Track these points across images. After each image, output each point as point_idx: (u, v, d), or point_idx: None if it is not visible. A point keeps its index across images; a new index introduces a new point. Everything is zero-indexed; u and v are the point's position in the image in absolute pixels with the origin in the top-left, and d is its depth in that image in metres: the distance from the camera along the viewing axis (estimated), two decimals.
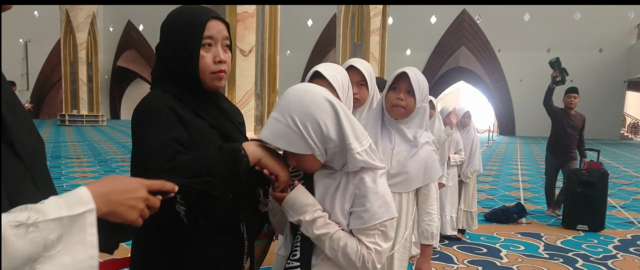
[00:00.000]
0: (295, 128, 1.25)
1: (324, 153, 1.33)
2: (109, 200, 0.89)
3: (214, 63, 1.40)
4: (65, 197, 0.83)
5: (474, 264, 4.32)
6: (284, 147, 1.27)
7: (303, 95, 1.29)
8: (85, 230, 0.82)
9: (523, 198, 7.64)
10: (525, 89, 26.61)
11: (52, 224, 0.78)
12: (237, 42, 8.92)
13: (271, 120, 1.28)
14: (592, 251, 4.79)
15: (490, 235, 5.29)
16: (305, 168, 1.37)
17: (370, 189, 1.31)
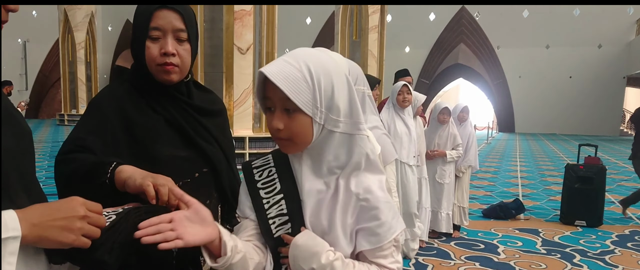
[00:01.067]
0: (307, 75, 1.03)
1: (321, 124, 1.06)
2: (34, 225, 0.81)
3: (160, 55, 1.33)
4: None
5: (471, 259, 4.33)
6: (286, 90, 1.01)
7: (323, 54, 1.11)
8: (5, 258, 0.78)
9: (521, 194, 7.65)
10: (525, 86, 26.61)
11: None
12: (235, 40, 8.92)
13: (281, 61, 1.06)
14: (590, 246, 4.80)
15: (488, 231, 5.30)
16: (293, 132, 1.07)
17: (381, 198, 1.08)
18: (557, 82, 26.05)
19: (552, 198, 7.33)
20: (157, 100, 1.37)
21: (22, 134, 0.93)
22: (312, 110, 1.04)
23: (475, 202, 6.85)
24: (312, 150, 1.09)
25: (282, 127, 1.05)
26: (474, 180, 8.95)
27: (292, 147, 1.09)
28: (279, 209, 1.12)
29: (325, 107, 1.05)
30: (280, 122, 1.05)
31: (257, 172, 1.18)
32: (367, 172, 1.10)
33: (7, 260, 0.77)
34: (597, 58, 25.51)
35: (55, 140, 14.79)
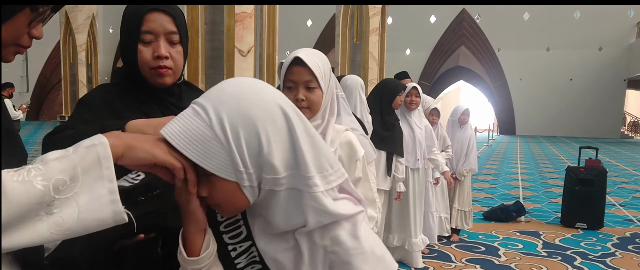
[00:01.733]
0: (219, 132, 0.79)
1: (255, 186, 0.83)
2: (119, 136, 0.80)
3: (153, 58, 1.32)
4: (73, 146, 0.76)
5: (472, 262, 4.33)
6: (194, 158, 0.79)
7: (246, 91, 0.83)
8: (101, 163, 0.75)
9: (522, 197, 7.64)
10: (525, 88, 26.61)
11: (55, 164, 0.73)
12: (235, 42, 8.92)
13: (187, 112, 0.82)
14: (591, 249, 4.79)
15: (488, 233, 5.30)
16: (218, 200, 0.85)
17: (354, 249, 0.85)
18: (557, 85, 26.05)
19: (552, 200, 7.33)
20: (147, 103, 1.36)
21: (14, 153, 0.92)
22: (234, 173, 0.81)
23: (476, 204, 6.86)
24: (257, 209, 0.87)
25: (206, 194, 0.84)
26: (475, 183, 8.95)
27: (227, 213, 0.89)
28: (250, 257, 0.91)
29: (253, 166, 0.81)
30: (203, 190, 0.83)
31: None
32: (336, 225, 0.85)
33: (104, 165, 0.75)
34: (598, 60, 25.52)
35: None
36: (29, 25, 0.88)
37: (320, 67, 1.59)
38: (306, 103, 1.59)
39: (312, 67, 1.56)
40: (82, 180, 0.73)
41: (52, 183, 0.70)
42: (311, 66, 1.56)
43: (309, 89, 1.59)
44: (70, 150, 0.74)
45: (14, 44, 0.89)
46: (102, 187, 0.74)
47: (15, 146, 0.91)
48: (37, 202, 0.69)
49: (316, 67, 1.57)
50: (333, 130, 1.69)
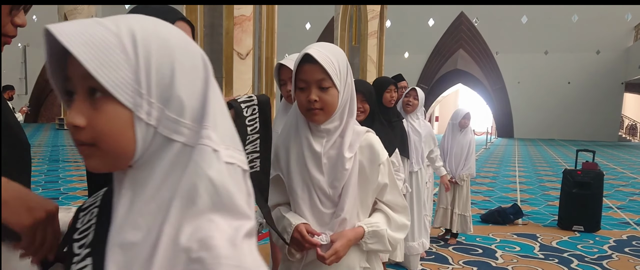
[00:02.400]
0: (128, 42, 0.63)
1: (151, 126, 0.64)
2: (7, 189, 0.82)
3: None
4: None
5: (469, 264, 4.35)
6: (88, 62, 0.60)
7: (172, 30, 0.69)
8: None
9: (520, 199, 7.67)
10: (523, 91, 26.69)
11: None
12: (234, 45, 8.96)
13: (90, 20, 0.66)
14: (588, 251, 4.81)
15: (486, 236, 5.32)
16: (99, 131, 0.63)
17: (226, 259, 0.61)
18: (555, 88, 26.13)
19: (550, 203, 7.35)
20: None
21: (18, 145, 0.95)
22: (132, 97, 0.63)
23: (474, 207, 6.88)
24: (136, 173, 0.66)
25: (82, 123, 0.63)
26: (473, 186, 8.98)
27: (100, 163, 0.66)
28: None
29: (158, 97, 0.64)
30: (79, 115, 0.63)
31: (81, 217, 0.79)
32: (214, 214, 0.62)
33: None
34: (596, 64, 25.61)
35: (54, 145, 14.81)
36: (10, 14, 0.90)
37: (335, 64, 1.43)
38: (320, 104, 1.44)
39: (325, 64, 1.40)
40: None
41: None
42: (323, 63, 1.40)
43: (322, 88, 1.44)
44: None
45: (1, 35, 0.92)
46: None
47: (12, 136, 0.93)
48: None
49: (329, 63, 1.42)
50: (352, 132, 1.53)
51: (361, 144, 1.53)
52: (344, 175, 1.49)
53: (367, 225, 1.53)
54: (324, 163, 1.50)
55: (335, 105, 1.46)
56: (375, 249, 1.57)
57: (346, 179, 1.49)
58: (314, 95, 1.43)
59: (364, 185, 1.53)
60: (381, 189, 1.57)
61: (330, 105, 1.45)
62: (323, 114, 1.46)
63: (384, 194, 1.57)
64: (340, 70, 1.44)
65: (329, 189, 1.51)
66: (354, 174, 1.50)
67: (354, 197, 1.51)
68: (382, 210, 1.59)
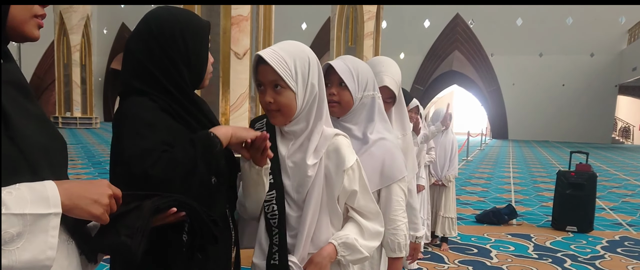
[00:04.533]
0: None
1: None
2: (72, 194, 0.90)
3: None
4: (34, 192, 0.84)
5: (464, 264, 4.40)
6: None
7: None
8: (48, 232, 0.84)
9: (514, 200, 7.73)
10: (518, 93, 26.81)
11: (13, 218, 0.80)
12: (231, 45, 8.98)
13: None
14: (581, 251, 4.88)
15: (481, 236, 5.37)
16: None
17: None
18: (550, 90, 26.27)
19: (544, 204, 7.42)
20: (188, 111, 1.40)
21: (57, 138, 0.99)
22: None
23: (469, 207, 6.93)
24: None
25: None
26: (467, 186, 9.04)
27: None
28: None
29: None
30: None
31: None
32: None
33: (50, 234, 0.84)
34: (590, 66, 25.76)
35: None
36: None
37: (288, 64, 1.40)
38: (275, 106, 1.42)
39: (275, 65, 1.37)
40: (28, 240, 0.82)
41: (2, 235, 0.79)
42: (273, 64, 1.37)
43: (276, 88, 1.40)
44: (28, 206, 0.82)
45: (32, 17, 0.95)
46: (42, 253, 0.84)
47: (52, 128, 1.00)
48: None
49: (280, 64, 1.38)
50: (320, 136, 1.47)
51: (328, 148, 1.47)
52: (307, 182, 1.45)
53: (336, 239, 1.48)
54: (289, 166, 1.48)
55: (292, 108, 1.42)
56: (355, 260, 1.53)
57: (309, 185, 1.45)
58: (269, 97, 1.41)
59: (330, 191, 1.48)
60: (350, 195, 1.50)
61: (286, 107, 1.42)
62: (281, 115, 1.43)
63: (354, 200, 1.51)
64: (296, 70, 1.40)
65: (294, 193, 1.48)
66: (319, 180, 1.45)
67: (317, 203, 1.45)
68: (354, 219, 1.54)
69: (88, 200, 0.92)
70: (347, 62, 1.74)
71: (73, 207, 0.90)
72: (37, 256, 0.83)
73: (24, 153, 0.88)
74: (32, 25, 0.96)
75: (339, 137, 1.50)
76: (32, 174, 0.88)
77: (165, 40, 1.36)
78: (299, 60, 1.41)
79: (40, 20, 0.98)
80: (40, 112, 0.97)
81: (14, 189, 0.83)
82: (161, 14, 1.40)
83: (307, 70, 1.42)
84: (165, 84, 1.36)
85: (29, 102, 0.96)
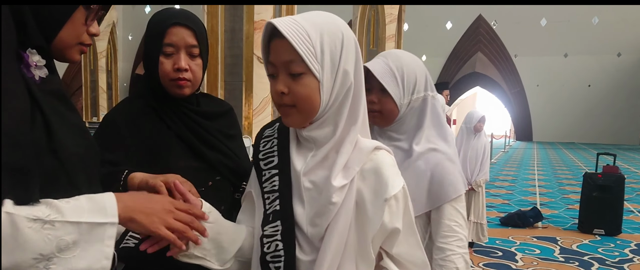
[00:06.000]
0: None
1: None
2: (130, 207, 0.91)
3: (173, 70, 1.37)
4: (91, 202, 0.86)
5: (489, 267, 4.37)
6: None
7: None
8: (104, 241, 0.85)
9: (539, 203, 7.64)
10: (542, 94, 26.45)
11: (69, 226, 0.81)
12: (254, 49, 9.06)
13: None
14: (609, 255, 4.81)
15: (505, 238, 5.33)
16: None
17: None
18: (575, 91, 25.86)
19: (570, 207, 7.32)
20: (168, 113, 1.42)
21: (92, 147, 1.03)
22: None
23: (493, 210, 6.88)
24: None
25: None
26: (492, 189, 8.96)
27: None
28: None
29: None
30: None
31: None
32: None
33: (106, 244, 0.86)
34: (616, 66, 25.29)
35: None
36: (85, 23, 0.98)
37: (311, 39, 0.98)
38: (290, 98, 1.01)
39: (292, 39, 0.96)
40: (83, 249, 0.83)
41: (56, 242, 0.80)
42: (290, 37, 0.96)
43: (292, 75, 1.00)
44: (85, 215, 0.83)
45: (78, 44, 1.00)
46: (98, 262, 0.85)
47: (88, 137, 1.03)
48: (40, 253, 0.79)
49: (300, 37, 0.97)
50: (353, 148, 1.05)
51: (364, 167, 1.04)
52: (329, 211, 1.00)
53: None
54: (306, 187, 1.04)
55: (315, 102, 1.00)
56: None
57: (333, 217, 1.00)
58: (281, 85, 1.00)
59: (361, 228, 1.03)
60: (389, 235, 1.04)
61: (306, 101, 1.00)
62: (297, 113, 1.02)
63: (393, 244, 1.05)
64: (322, 49, 0.99)
65: (308, 227, 1.03)
66: (346, 210, 1.01)
67: (339, 243, 1.01)
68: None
69: (144, 214, 0.93)
70: (389, 61, 1.44)
71: (129, 220, 0.92)
72: (92, 265, 0.84)
73: (64, 164, 0.90)
74: (75, 50, 1.00)
75: (380, 153, 1.07)
76: (71, 185, 0.90)
77: None
78: (329, 35, 1.00)
79: (85, 47, 1.02)
80: (79, 121, 1.01)
81: (72, 199, 0.85)
82: None
83: (339, 51, 1.00)
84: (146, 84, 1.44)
85: (69, 111, 1.00)
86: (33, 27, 0.92)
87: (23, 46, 0.92)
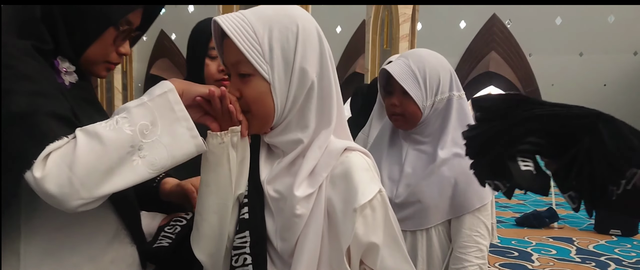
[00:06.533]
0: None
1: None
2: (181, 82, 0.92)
3: (218, 71, 1.48)
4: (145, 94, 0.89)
5: (505, 267, 4.38)
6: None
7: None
8: (173, 108, 0.87)
9: (555, 203, 7.60)
10: (557, 94, 26.19)
11: (137, 110, 0.85)
12: None
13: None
14: (625, 255, 4.79)
15: (521, 239, 5.32)
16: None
17: None
18: (590, 90, 25.58)
19: None
20: None
21: None
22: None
23: (509, 210, 6.86)
24: None
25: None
26: None
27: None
28: None
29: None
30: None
31: None
32: None
33: (177, 108, 0.87)
34: (633, 66, 24.98)
35: None
36: (115, 43, 1.02)
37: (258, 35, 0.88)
38: (244, 103, 0.91)
39: (235, 37, 0.87)
40: (161, 124, 0.86)
41: (138, 128, 0.84)
42: (232, 35, 0.87)
43: (242, 77, 0.91)
44: (145, 98, 0.87)
45: (104, 61, 1.04)
46: (179, 126, 0.87)
47: None
48: (130, 145, 0.83)
49: (243, 34, 0.88)
50: (321, 151, 0.92)
51: (334, 172, 0.92)
52: (295, 224, 0.90)
53: None
54: (272, 197, 0.93)
55: (268, 106, 0.91)
56: None
57: (301, 230, 0.90)
58: (233, 89, 0.92)
59: (334, 242, 0.91)
60: (366, 250, 0.92)
61: (257, 105, 0.91)
62: (252, 118, 0.92)
63: (376, 260, 0.92)
64: (270, 46, 0.88)
65: (278, 241, 0.93)
66: (315, 222, 0.90)
67: (312, 259, 0.90)
68: None
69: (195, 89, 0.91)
70: (410, 61, 1.39)
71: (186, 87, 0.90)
72: (178, 131, 0.86)
73: None
74: (102, 67, 1.05)
75: (352, 155, 0.93)
76: None
77: None
78: (279, 30, 0.89)
79: (112, 65, 1.06)
80: None
81: None
82: None
83: (292, 47, 0.89)
84: None
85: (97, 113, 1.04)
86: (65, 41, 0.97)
87: (54, 54, 0.97)
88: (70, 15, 0.96)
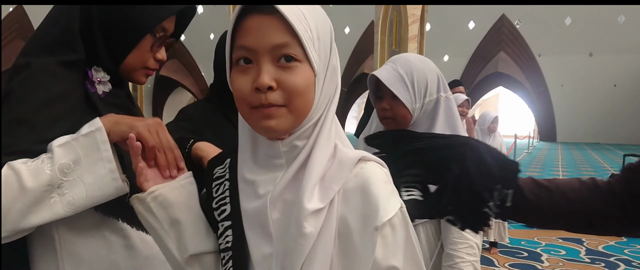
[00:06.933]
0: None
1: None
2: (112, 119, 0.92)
3: None
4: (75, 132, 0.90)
5: (514, 267, 4.41)
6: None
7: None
8: (99, 148, 0.89)
9: None
10: (567, 94, 26.12)
11: (58, 150, 0.86)
12: None
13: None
14: (635, 256, 4.79)
15: (531, 239, 5.34)
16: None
17: None
18: (600, 91, 25.49)
19: None
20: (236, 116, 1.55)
21: None
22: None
23: None
24: None
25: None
26: None
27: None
28: None
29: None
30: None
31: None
32: None
33: (103, 148, 0.90)
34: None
35: None
36: (152, 50, 1.08)
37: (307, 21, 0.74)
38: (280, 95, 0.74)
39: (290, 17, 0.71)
40: (85, 163, 0.89)
41: (57, 167, 0.87)
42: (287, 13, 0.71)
43: (283, 64, 0.73)
44: (73, 137, 0.90)
45: (143, 67, 1.09)
46: (102, 167, 0.89)
47: None
48: (48, 184, 0.86)
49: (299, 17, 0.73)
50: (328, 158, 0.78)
51: (347, 186, 0.76)
52: (301, 247, 0.73)
53: None
54: (274, 218, 0.77)
55: (309, 101, 0.76)
56: None
57: (307, 254, 0.73)
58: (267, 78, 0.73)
59: (348, 267, 0.75)
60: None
61: (301, 98, 0.74)
62: (288, 114, 0.75)
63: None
64: (318, 35, 0.75)
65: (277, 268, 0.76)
66: (325, 245, 0.74)
67: None
68: None
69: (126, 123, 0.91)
70: (397, 67, 1.43)
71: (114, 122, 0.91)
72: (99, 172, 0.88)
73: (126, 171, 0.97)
74: (141, 74, 1.10)
75: (368, 165, 0.78)
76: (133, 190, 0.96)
77: None
78: (321, 22, 0.77)
79: (151, 71, 1.11)
80: None
81: None
82: None
83: (329, 43, 0.79)
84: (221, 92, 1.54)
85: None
86: (103, 51, 1.02)
87: (88, 64, 1.02)
88: (108, 25, 1.02)
